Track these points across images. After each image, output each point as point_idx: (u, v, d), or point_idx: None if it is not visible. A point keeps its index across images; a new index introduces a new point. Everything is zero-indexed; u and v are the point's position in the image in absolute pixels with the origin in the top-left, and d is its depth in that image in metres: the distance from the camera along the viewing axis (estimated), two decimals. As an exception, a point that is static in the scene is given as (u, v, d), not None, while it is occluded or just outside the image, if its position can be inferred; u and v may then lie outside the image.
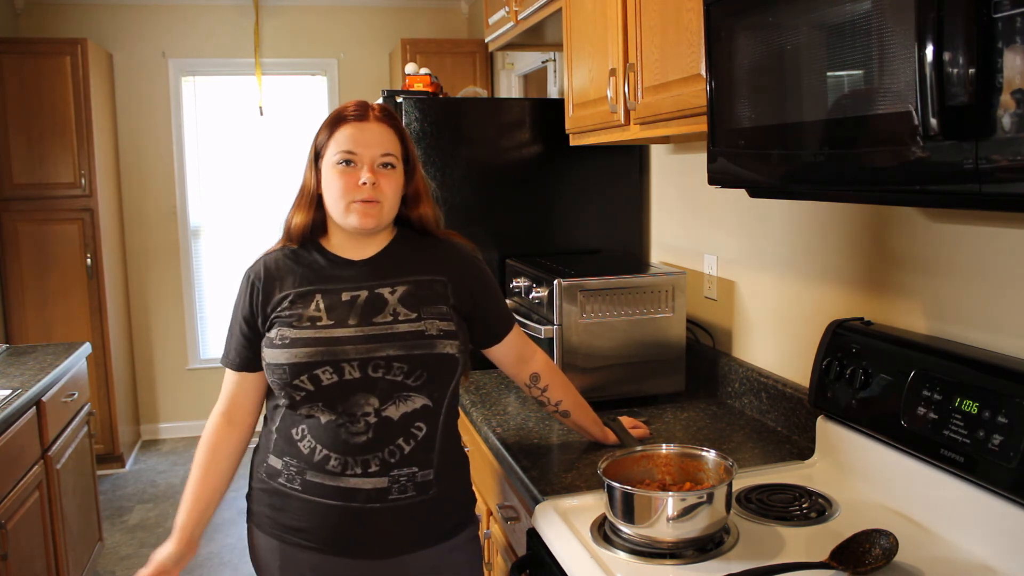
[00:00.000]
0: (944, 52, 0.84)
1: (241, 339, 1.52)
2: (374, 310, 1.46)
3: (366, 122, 1.46)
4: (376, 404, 1.42)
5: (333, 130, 1.47)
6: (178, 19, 4.77)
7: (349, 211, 1.45)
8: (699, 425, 1.91)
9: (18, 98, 4.10)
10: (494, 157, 2.55)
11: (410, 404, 1.45)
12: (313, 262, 1.51)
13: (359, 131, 1.45)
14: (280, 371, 1.43)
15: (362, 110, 1.47)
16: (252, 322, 1.50)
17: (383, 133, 1.47)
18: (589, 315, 2.00)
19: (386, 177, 1.46)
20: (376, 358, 1.42)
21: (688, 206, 2.37)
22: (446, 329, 1.47)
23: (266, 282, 1.50)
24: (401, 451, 1.44)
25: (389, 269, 1.51)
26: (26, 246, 4.21)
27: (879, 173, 1.00)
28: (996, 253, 1.34)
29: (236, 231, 5.00)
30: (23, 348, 3.07)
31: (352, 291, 1.47)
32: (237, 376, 1.54)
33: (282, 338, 1.44)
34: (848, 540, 1.19)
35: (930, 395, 1.29)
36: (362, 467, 1.42)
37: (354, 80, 4.97)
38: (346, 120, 1.46)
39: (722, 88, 1.32)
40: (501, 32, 2.92)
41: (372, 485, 1.43)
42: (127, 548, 3.54)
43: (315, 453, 1.44)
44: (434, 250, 1.57)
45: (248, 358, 1.52)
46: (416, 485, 1.45)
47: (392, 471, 1.43)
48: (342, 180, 1.44)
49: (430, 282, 1.51)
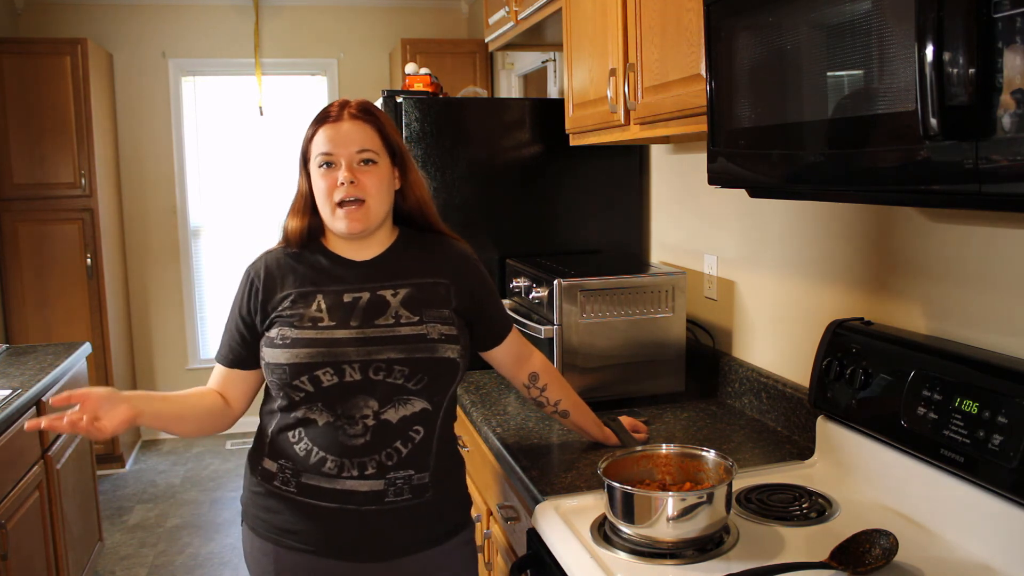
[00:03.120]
0: (944, 52, 0.84)
1: (236, 336, 1.51)
2: (376, 312, 1.45)
3: (340, 122, 1.46)
4: (375, 407, 1.42)
5: (313, 133, 1.48)
6: (178, 19, 4.77)
7: (336, 216, 1.45)
8: (699, 425, 1.91)
9: (18, 98, 4.10)
10: (494, 157, 2.55)
11: (409, 408, 1.44)
12: (315, 262, 1.51)
13: (334, 131, 1.45)
14: (280, 371, 1.43)
15: (337, 110, 1.48)
16: (250, 320, 1.50)
17: (358, 130, 1.46)
18: (589, 315, 2.00)
19: (367, 173, 1.45)
20: (377, 360, 1.42)
21: (688, 206, 2.37)
22: (448, 333, 1.47)
23: (266, 280, 1.50)
24: (399, 454, 1.44)
25: (391, 271, 1.51)
26: (26, 246, 4.21)
27: (879, 173, 1.00)
28: (996, 253, 1.34)
29: (236, 231, 5.00)
30: (23, 348, 3.07)
31: (354, 292, 1.47)
32: (227, 372, 1.54)
33: (283, 338, 1.43)
34: (848, 540, 1.19)
35: (930, 395, 1.29)
36: (359, 469, 1.42)
37: (354, 80, 4.98)
38: (323, 122, 1.47)
39: (722, 88, 1.32)
40: (501, 32, 2.92)
41: (368, 487, 1.42)
42: (127, 548, 3.54)
43: (311, 455, 1.43)
44: (436, 251, 1.56)
45: (241, 355, 1.51)
46: (412, 488, 1.45)
47: (388, 474, 1.43)
48: (324, 182, 1.45)
49: (433, 285, 1.51)
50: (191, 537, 3.64)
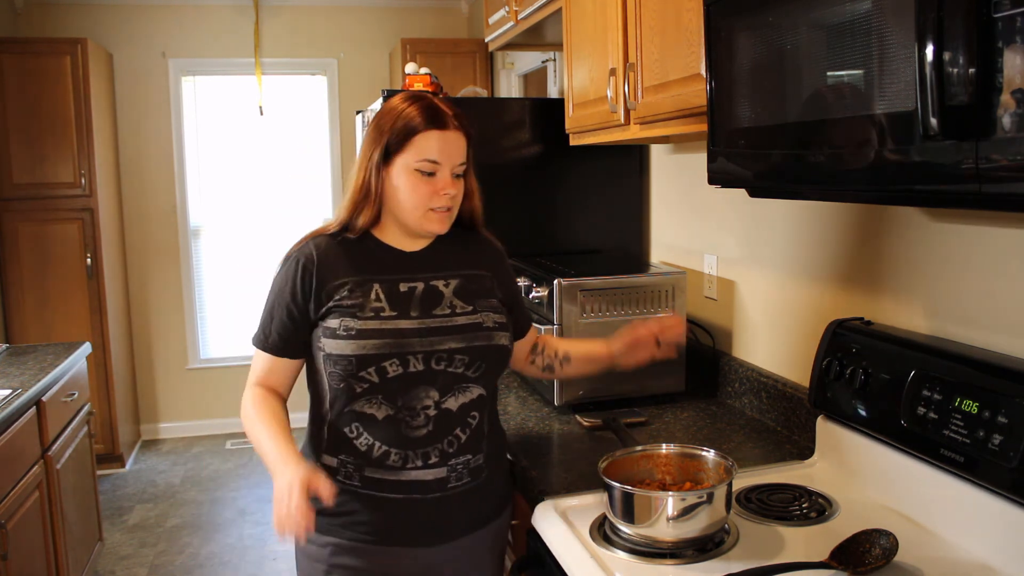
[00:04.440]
0: (944, 52, 0.84)
1: (287, 323, 1.47)
2: (432, 302, 1.48)
3: (448, 131, 1.44)
4: (436, 397, 1.44)
5: (411, 135, 1.43)
6: (178, 19, 4.77)
7: (427, 218, 1.45)
8: (699, 425, 1.91)
9: (18, 98, 4.10)
10: (494, 157, 2.55)
11: (468, 395, 1.47)
12: (366, 251, 1.50)
13: (443, 141, 1.43)
14: (345, 362, 1.41)
15: (442, 117, 1.44)
16: (303, 306, 1.46)
17: (462, 143, 1.46)
18: (589, 315, 2.00)
19: (458, 185, 1.48)
20: (439, 351, 1.44)
21: (688, 206, 2.37)
22: (500, 321, 1.51)
23: (320, 265, 1.46)
24: (459, 440, 1.47)
25: (439, 262, 1.53)
26: (26, 246, 4.20)
27: (879, 173, 1.00)
28: (996, 253, 1.34)
29: (236, 231, 5.00)
30: (23, 348, 3.07)
31: (408, 282, 1.48)
32: (275, 361, 1.50)
33: (347, 329, 1.42)
34: (848, 540, 1.19)
35: (930, 395, 1.29)
36: (423, 459, 1.44)
37: (354, 80, 4.98)
38: (427, 127, 1.42)
39: (722, 88, 1.32)
40: (501, 32, 2.92)
41: (433, 476, 1.45)
42: (127, 548, 3.54)
43: (373, 450, 1.44)
44: (474, 246, 1.60)
45: (291, 343, 1.48)
46: (471, 471, 1.49)
47: (450, 460, 1.46)
48: (424, 188, 1.43)
49: (478, 276, 1.54)
50: (191, 537, 3.64)
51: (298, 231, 1.62)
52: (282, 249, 1.56)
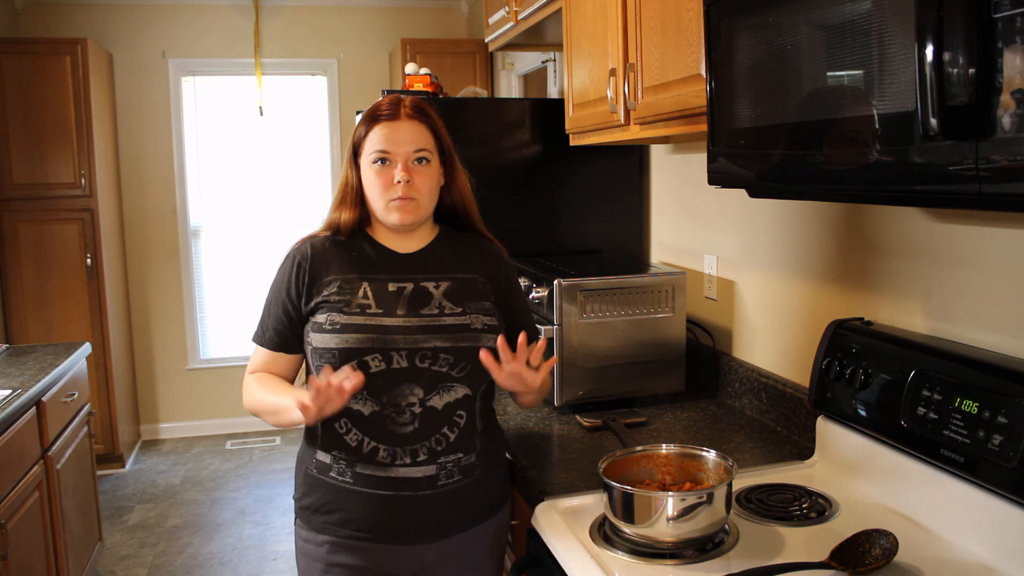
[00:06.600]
0: (944, 52, 0.84)
1: (283, 319, 1.53)
2: (420, 302, 1.49)
3: (398, 120, 1.49)
4: (421, 394, 1.46)
5: (368, 129, 1.50)
6: (178, 19, 4.77)
7: (388, 209, 1.49)
8: (699, 425, 1.91)
9: (18, 98, 4.10)
10: (494, 157, 2.55)
11: (452, 394, 1.48)
12: (360, 251, 1.54)
13: (392, 130, 1.48)
14: (329, 356, 1.45)
15: (394, 108, 1.50)
16: (297, 301, 1.51)
17: (415, 130, 1.49)
18: (589, 315, 2.00)
19: (420, 173, 1.49)
20: (423, 349, 1.45)
21: (688, 206, 2.37)
22: (490, 324, 1.52)
23: (313, 264, 1.52)
24: (447, 439, 1.48)
25: (432, 265, 1.54)
26: (26, 246, 4.20)
27: (879, 173, 1.00)
28: (996, 253, 1.34)
29: (236, 231, 5.00)
30: (23, 348, 3.07)
31: (398, 282, 1.51)
32: (273, 356, 1.55)
33: (332, 323, 1.46)
34: (848, 540, 1.19)
35: (930, 395, 1.29)
36: (411, 457, 1.46)
37: (354, 80, 4.98)
38: (379, 119, 1.49)
39: (722, 88, 1.32)
40: (501, 32, 2.92)
41: (422, 473, 1.46)
42: (127, 548, 3.54)
43: (363, 445, 1.46)
44: (472, 250, 1.60)
45: (287, 338, 1.53)
46: (462, 469, 1.50)
47: (439, 458, 1.47)
48: (379, 179, 1.48)
49: (472, 280, 1.55)
50: (191, 537, 3.64)
51: (298, 231, 1.64)
52: (282, 249, 1.60)
